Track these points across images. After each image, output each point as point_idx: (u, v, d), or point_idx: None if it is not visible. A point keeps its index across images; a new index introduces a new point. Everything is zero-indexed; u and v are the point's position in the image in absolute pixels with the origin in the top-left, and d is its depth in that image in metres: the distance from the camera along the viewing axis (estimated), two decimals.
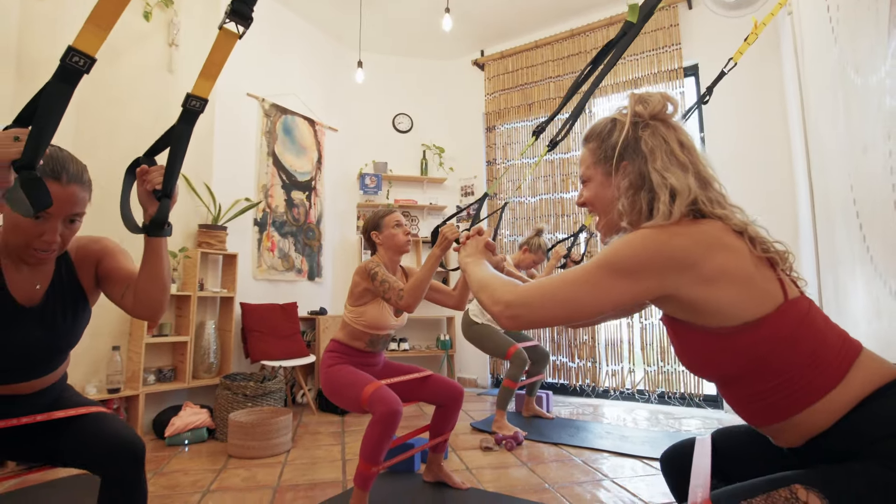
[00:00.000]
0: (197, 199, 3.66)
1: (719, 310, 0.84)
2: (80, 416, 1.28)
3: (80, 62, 0.86)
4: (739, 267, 0.84)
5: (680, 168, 0.94)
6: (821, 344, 0.82)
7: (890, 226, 1.41)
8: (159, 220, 1.13)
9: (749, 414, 0.90)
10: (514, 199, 4.97)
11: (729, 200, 0.95)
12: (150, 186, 1.10)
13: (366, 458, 1.87)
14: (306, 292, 4.60)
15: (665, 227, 0.88)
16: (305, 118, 4.72)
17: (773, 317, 0.82)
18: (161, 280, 1.24)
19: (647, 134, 0.97)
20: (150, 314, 1.27)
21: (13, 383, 1.23)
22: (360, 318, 2.19)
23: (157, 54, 3.50)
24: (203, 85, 1.00)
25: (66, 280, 1.29)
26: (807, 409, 0.81)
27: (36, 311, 1.22)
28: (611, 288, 0.86)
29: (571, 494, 2.25)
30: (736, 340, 0.84)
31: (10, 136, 0.87)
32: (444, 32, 4.76)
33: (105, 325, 3.15)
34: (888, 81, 1.35)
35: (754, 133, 3.77)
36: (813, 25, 2.45)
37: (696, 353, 0.92)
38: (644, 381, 4.13)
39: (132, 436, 1.25)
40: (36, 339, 1.22)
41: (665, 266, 0.84)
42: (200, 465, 2.69)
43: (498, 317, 0.96)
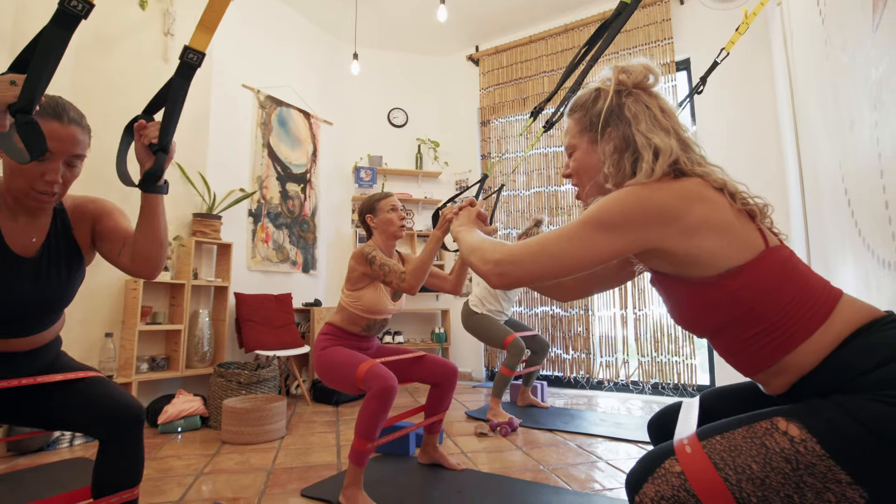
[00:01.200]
0: (191, 188, 3.66)
1: (702, 259, 0.86)
2: (79, 380, 1.29)
3: (79, 6, 0.85)
4: (720, 218, 0.87)
5: (663, 131, 0.97)
6: (803, 288, 0.84)
7: (876, 194, 1.44)
8: (155, 173, 1.14)
9: (740, 363, 0.91)
10: (508, 193, 5.00)
11: (708, 161, 0.97)
12: (147, 140, 1.11)
13: (361, 435, 1.88)
14: (301, 284, 4.60)
15: (648, 184, 0.91)
16: (301, 111, 4.73)
17: (755, 263, 0.85)
18: (158, 237, 1.24)
19: (631, 101, 1.01)
20: (148, 271, 1.28)
21: (7, 338, 1.23)
22: (357, 302, 2.19)
23: (153, 43, 3.50)
24: (201, 38, 1.00)
25: (61, 235, 1.29)
26: (793, 352, 0.83)
27: (31, 262, 1.22)
28: (597, 243, 0.89)
29: (566, 474, 2.26)
30: (720, 288, 0.86)
31: (7, 80, 0.87)
32: (439, 28, 4.80)
33: (98, 311, 3.14)
34: (873, 53, 1.39)
35: (745, 126, 3.81)
36: (801, 11, 2.49)
37: (685, 306, 0.94)
38: (638, 371, 4.15)
39: (131, 399, 1.26)
40: (30, 290, 1.21)
41: (648, 220, 0.87)
42: (194, 450, 2.68)
43: (487, 275, 0.98)
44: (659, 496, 0.78)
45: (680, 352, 3.94)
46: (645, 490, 0.80)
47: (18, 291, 1.19)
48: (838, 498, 0.70)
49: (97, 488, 1.21)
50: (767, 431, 0.76)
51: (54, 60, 0.87)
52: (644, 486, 0.80)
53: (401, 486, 2.10)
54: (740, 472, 0.74)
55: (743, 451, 0.76)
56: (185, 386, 3.46)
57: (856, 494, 0.69)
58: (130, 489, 1.24)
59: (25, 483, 2.18)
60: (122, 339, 3.20)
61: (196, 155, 3.73)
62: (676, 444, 0.82)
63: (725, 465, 0.76)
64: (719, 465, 0.76)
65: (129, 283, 3.23)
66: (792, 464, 0.72)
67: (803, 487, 0.71)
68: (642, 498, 0.80)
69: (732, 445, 0.77)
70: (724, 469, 0.76)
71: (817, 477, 0.70)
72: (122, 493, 1.22)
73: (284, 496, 2.01)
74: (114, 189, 1.58)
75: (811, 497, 0.71)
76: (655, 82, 1.03)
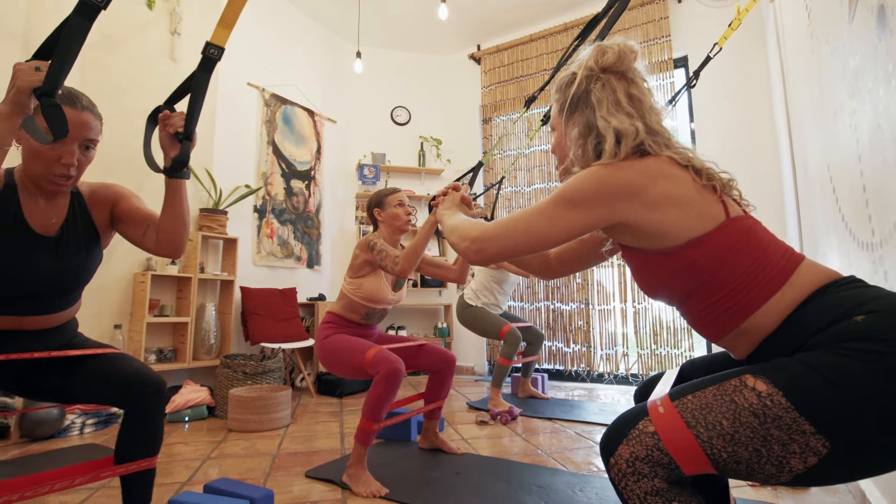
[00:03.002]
0: (198, 183, 3.74)
1: (665, 231, 0.92)
2: (99, 356, 1.36)
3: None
4: (682, 192, 0.93)
5: (626, 115, 1.01)
6: (762, 254, 0.89)
7: (855, 179, 1.50)
8: (181, 160, 1.22)
9: (706, 328, 0.96)
10: (511, 189, 5.06)
11: (675, 143, 1.01)
12: (173, 129, 1.19)
13: (368, 416, 1.96)
14: (305, 279, 4.68)
15: (612, 163, 0.97)
16: (305, 109, 4.82)
17: (714, 233, 0.90)
18: (182, 219, 1.34)
19: (598, 87, 1.05)
20: (173, 251, 1.36)
21: (26, 315, 1.29)
22: (357, 289, 2.26)
23: (160, 42, 3.59)
24: (221, 33, 1.08)
25: (79, 216, 1.36)
26: (753, 314, 0.87)
27: (51, 240, 1.30)
28: (566, 218, 0.95)
29: (563, 458, 2.32)
30: (682, 258, 0.91)
31: (32, 66, 0.96)
32: (441, 27, 4.87)
33: (107, 304, 3.22)
34: (850, 44, 1.45)
35: (742, 121, 3.86)
36: (791, 7, 2.55)
37: (651, 276, 0.99)
38: (638, 364, 4.21)
39: (153, 372, 1.34)
40: (50, 266, 1.28)
41: (613, 195, 0.93)
42: (201, 437, 2.76)
43: (466, 252, 1.04)
44: (633, 457, 0.80)
45: (679, 344, 3.99)
46: (620, 452, 0.82)
47: (39, 268, 1.26)
48: (803, 448, 0.73)
49: (119, 456, 1.29)
50: (736, 388, 0.79)
51: (76, 48, 0.95)
52: (619, 448, 0.82)
53: (402, 468, 2.16)
54: (711, 429, 0.77)
55: (713, 408, 0.79)
56: (191, 377, 3.54)
57: (819, 444, 0.72)
58: (150, 458, 1.31)
59: (39, 466, 2.26)
60: (130, 331, 3.28)
61: (203, 152, 3.82)
62: (650, 404, 0.85)
63: (697, 422, 0.79)
64: (691, 423, 0.79)
65: (138, 277, 3.32)
66: (759, 418, 0.75)
67: (770, 440, 0.75)
68: (617, 460, 0.82)
69: (703, 403, 0.80)
70: (695, 427, 0.78)
71: (783, 429, 0.74)
72: (142, 462, 1.30)
73: (289, 478, 2.08)
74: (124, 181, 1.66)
75: (778, 449, 0.74)
76: (629, 64, 1.05)
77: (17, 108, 0.99)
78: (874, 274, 1.38)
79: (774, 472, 0.76)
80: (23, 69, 0.97)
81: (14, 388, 1.35)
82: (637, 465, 0.80)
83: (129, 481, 1.31)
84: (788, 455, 0.74)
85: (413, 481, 2.01)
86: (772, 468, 0.76)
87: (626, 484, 0.81)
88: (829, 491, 1.86)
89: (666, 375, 1.14)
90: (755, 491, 1.86)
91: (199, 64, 1.11)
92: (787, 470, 0.75)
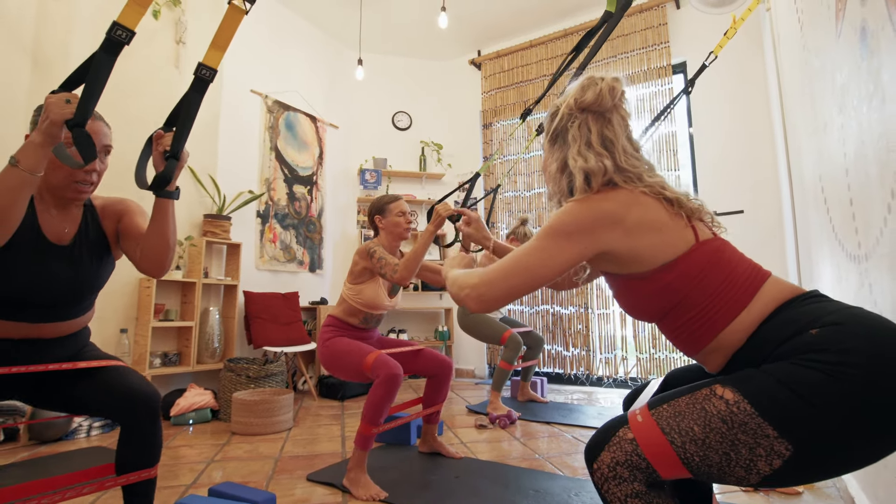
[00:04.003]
0: (202, 189, 3.80)
1: (642, 256, 0.98)
2: (103, 369, 1.39)
3: (123, 35, 1.02)
4: (654, 217, 1.00)
5: (595, 155, 1.07)
6: (730, 274, 0.95)
7: (843, 192, 1.54)
8: (164, 177, 1.23)
9: (682, 344, 1.03)
10: (511, 194, 5.10)
11: (648, 177, 1.07)
12: (162, 148, 1.23)
13: (367, 420, 2.00)
14: (307, 283, 4.73)
15: (589, 196, 1.04)
16: (307, 115, 4.87)
17: (686, 256, 0.97)
18: (165, 238, 1.34)
19: (575, 126, 1.12)
20: (154, 269, 1.39)
21: (39, 322, 1.33)
22: (357, 295, 2.31)
23: (165, 51, 3.65)
24: (214, 55, 1.13)
25: (91, 227, 1.41)
26: (724, 331, 0.94)
27: (65, 249, 1.35)
28: (557, 251, 1.01)
29: (560, 463, 2.36)
30: (657, 281, 0.98)
31: (63, 98, 1.04)
32: (441, 33, 4.92)
33: (113, 308, 3.28)
34: (838, 59, 1.48)
35: (741, 128, 3.90)
36: (785, 17, 2.59)
37: (631, 299, 1.06)
38: (637, 367, 4.24)
39: (149, 388, 1.36)
40: (63, 274, 1.33)
41: (596, 225, 0.99)
42: (205, 440, 2.80)
43: (466, 300, 1.09)
44: (614, 462, 0.86)
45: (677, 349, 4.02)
46: (602, 458, 0.88)
47: (52, 275, 1.31)
48: (768, 451, 0.79)
49: (120, 467, 1.33)
50: (707, 397, 0.85)
51: (103, 81, 1.04)
52: (601, 455, 0.88)
53: (402, 472, 2.21)
54: (684, 435, 0.84)
55: (686, 415, 0.85)
56: (196, 380, 3.59)
57: (782, 447, 0.78)
58: (149, 469, 1.35)
59: (47, 468, 2.31)
60: (136, 335, 3.34)
61: (207, 158, 3.87)
62: (630, 413, 0.93)
63: (671, 429, 0.85)
64: (666, 430, 0.85)
65: (143, 282, 3.37)
66: (727, 423, 0.81)
67: (738, 444, 0.80)
68: (599, 465, 0.88)
69: (677, 411, 0.86)
70: (670, 433, 0.85)
71: (749, 434, 0.80)
72: (141, 472, 1.33)
73: (291, 481, 2.13)
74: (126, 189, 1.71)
75: (745, 453, 0.80)
76: (608, 104, 1.10)
77: (50, 138, 1.07)
78: (860, 286, 1.42)
79: (744, 475, 0.82)
80: (54, 102, 1.05)
81: (24, 398, 1.40)
82: (618, 469, 0.86)
83: (130, 491, 1.35)
84: (755, 458, 0.80)
85: (412, 485, 2.05)
86: (741, 470, 0.81)
87: (608, 487, 0.87)
88: (820, 496, 1.89)
89: (650, 385, 1.20)
90: (748, 496, 1.90)
91: (191, 85, 1.14)
92: (755, 472, 0.81)
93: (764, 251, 3.51)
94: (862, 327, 0.81)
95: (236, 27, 1.12)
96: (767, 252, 3.50)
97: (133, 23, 1.02)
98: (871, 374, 0.76)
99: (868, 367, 0.76)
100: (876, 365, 0.76)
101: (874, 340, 0.78)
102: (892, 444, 0.77)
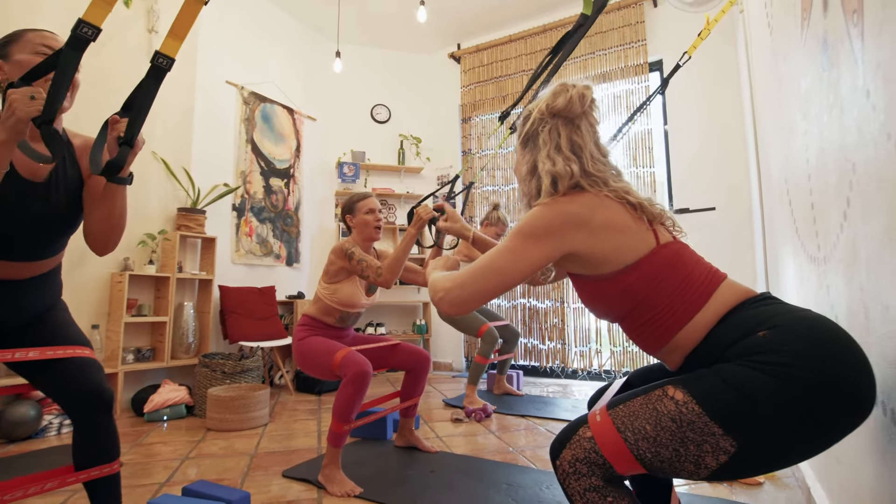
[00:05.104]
0: (176, 182, 3.73)
1: (606, 258, 1.03)
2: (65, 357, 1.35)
3: (89, 32, 1.00)
4: (618, 220, 1.04)
5: (563, 160, 1.12)
6: (687, 276, 1.00)
7: (805, 196, 1.59)
8: (116, 164, 1.19)
9: (643, 343, 1.07)
10: (488, 188, 5.13)
11: (614, 182, 1.11)
12: (116, 134, 1.19)
13: (338, 418, 2.01)
14: (284, 277, 4.69)
15: (556, 199, 1.08)
16: (284, 107, 4.81)
17: (647, 259, 1.02)
18: (111, 223, 1.33)
19: (545, 130, 1.16)
20: (96, 248, 1.38)
21: (15, 260, 1.30)
22: (333, 294, 2.30)
23: (138, 40, 3.56)
24: (171, 44, 1.09)
25: (68, 164, 1.37)
26: (681, 332, 0.99)
27: (40, 186, 1.30)
28: (526, 252, 1.04)
29: (534, 456, 2.41)
30: (619, 283, 1.03)
31: (27, 93, 1.02)
32: (421, 25, 4.89)
33: (84, 304, 3.21)
34: (802, 66, 1.53)
35: (715, 126, 3.97)
36: (757, 22, 2.64)
37: (595, 298, 1.10)
38: (611, 360, 4.33)
39: (101, 387, 1.33)
40: (37, 211, 1.29)
41: (563, 226, 1.03)
42: (179, 437, 2.78)
43: (440, 303, 1.11)
44: (574, 459, 0.92)
45: None
46: (563, 455, 0.94)
47: (28, 211, 1.27)
48: (714, 448, 0.84)
49: (78, 464, 1.32)
50: (659, 398, 0.91)
51: (70, 76, 1.03)
52: (563, 452, 0.95)
53: (377, 467, 2.23)
54: (637, 433, 0.89)
55: (639, 415, 0.91)
56: (170, 376, 3.54)
57: (727, 444, 0.83)
58: (109, 464, 1.33)
59: (16, 467, 2.27)
60: (108, 331, 3.27)
61: (180, 150, 3.80)
62: (590, 413, 0.98)
63: (626, 427, 0.91)
64: (621, 429, 0.91)
65: (115, 277, 3.31)
66: (677, 422, 0.86)
67: (687, 441, 0.86)
68: (561, 462, 0.94)
69: (631, 411, 0.92)
70: (624, 431, 0.90)
71: (697, 432, 0.85)
72: (103, 467, 1.32)
73: (267, 477, 2.13)
74: None
75: (694, 449, 0.85)
76: (577, 110, 1.14)
77: (16, 135, 1.05)
78: (819, 287, 1.47)
79: (693, 469, 0.87)
80: (19, 99, 1.03)
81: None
82: (577, 465, 0.92)
83: (92, 487, 1.33)
84: (703, 454, 0.85)
85: (387, 480, 2.07)
86: (691, 466, 0.87)
87: (569, 482, 0.93)
88: (780, 487, 1.97)
89: (613, 385, 1.24)
90: (712, 488, 1.97)
91: (148, 72, 1.11)
92: (704, 467, 0.86)
93: (734, 248, 3.62)
94: (804, 329, 0.86)
95: (194, 17, 1.10)
96: (738, 248, 3.60)
97: (99, 20, 1.00)
98: (810, 375, 0.80)
99: (807, 368, 0.81)
100: (814, 367, 0.81)
101: (814, 343, 0.83)
102: (829, 440, 0.83)
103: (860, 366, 0.82)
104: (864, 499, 1.13)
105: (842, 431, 0.82)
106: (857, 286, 1.06)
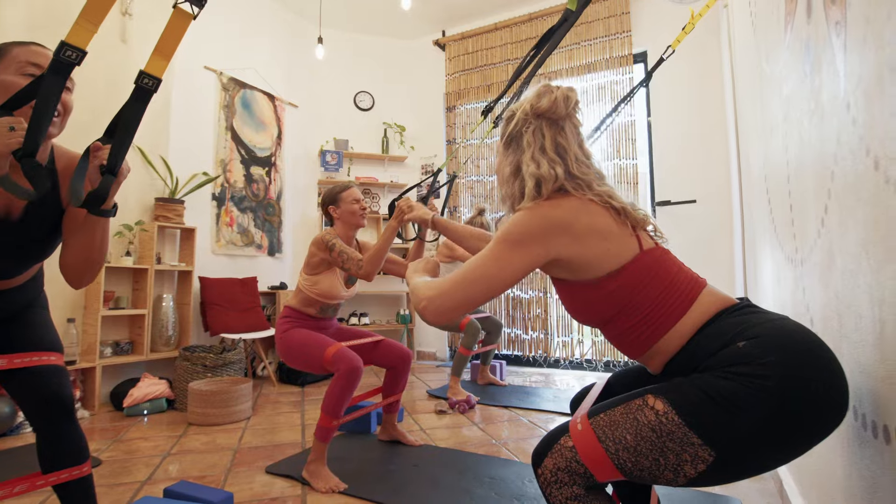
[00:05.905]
0: (153, 172, 3.64)
1: (590, 263, 1.02)
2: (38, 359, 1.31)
3: (73, 55, 0.92)
4: (602, 224, 1.04)
5: (548, 161, 1.11)
6: (670, 283, 1.01)
7: (784, 197, 1.61)
8: (98, 195, 1.10)
9: (625, 348, 1.08)
10: (472, 178, 5.11)
11: (598, 186, 1.10)
12: (98, 162, 1.09)
13: (327, 412, 2.01)
14: (266, 267, 4.64)
15: (539, 204, 1.07)
16: (265, 93, 4.71)
17: (630, 265, 1.02)
18: (89, 256, 1.24)
19: (530, 131, 1.15)
20: (70, 280, 1.28)
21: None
22: (313, 286, 2.29)
23: (111, 23, 3.43)
24: (157, 63, 1.02)
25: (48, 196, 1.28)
26: (662, 338, 1.00)
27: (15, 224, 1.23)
28: (510, 259, 1.03)
29: (517, 448, 2.44)
30: (603, 288, 1.03)
31: (6, 125, 0.94)
32: (405, 12, 4.80)
33: (59, 297, 3.13)
34: (785, 69, 1.54)
35: (698, 119, 3.99)
36: (741, 18, 2.65)
37: (578, 304, 1.10)
38: (592, 350, 4.39)
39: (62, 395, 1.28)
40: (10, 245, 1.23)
41: (547, 232, 1.02)
42: (160, 432, 2.75)
43: (423, 312, 1.09)
44: (556, 468, 0.93)
45: None
46: (545, 463, 0.95)
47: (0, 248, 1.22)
48: (693, 457, 0.85)
49: (43, 466, 1.28)
50: (639, 407, 0.91)
51: (54, 106, 0.94)
52: (545, 461, 0.95)
53: (361, 462, 2.23)
54: (618, 443, 0.90)
55: (620, 424, 0.91)
56: (149, 369, 3.50)
57: (706, 453, 0.84)
58: (78, 466, 1.29)
59: None
60: (84, 325, 3.21)
61: (158, 139, 3.71)
62: (571, 422, 0.98)
63: (606, 437, 0.91)
64: (601, 438, 0.91)
65: None
66: (657, 432, 0.87)
67: (666, 451, 0.87)
68: (543, 470, 0.95)
69: (612, 420, 0.92)
70: (605, 441, 0.91)
71: (676, 442, 0.86)
72: (72, 470, 1.28)
73: (250, 474, 2.12)
74: None
75: (673, 458, 0.86)
76: (562, 112, 1.13)
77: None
78: (796, 289, 1.50)
79: (672, 477, 0.88)
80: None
81: None
82: (559, 474, 0.93)
83: (64, 490, 1.29)
84: (682, 463, 0.87)
85: (371, 475, 2.08)
86: (670, 474, 0.88)
87: (550, 491, 0.94)
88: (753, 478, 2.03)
89: (594, 388, 1.25)
90: None
91: (132, 94, 1.03)
92: (683, 475, 0.87)
93: (714, 241, 3.67)
94: (781, 339, 0.87)
95: (183, 33, 1.04)
96: (717, 242, 3.65)
97: (83, 42, 0.93)
98: (785, 384, 0.82)
99: (783, 377, 0.82)
100: (790, 376, 0.82)
101: (791, 353, 0.84)
102: (805, 446, 0.85)
103: (835, 375, 0.84)
104: (834, 492, 1.17)
105: (817, 437, 0.85)
106: (833, 293, 1.08)
